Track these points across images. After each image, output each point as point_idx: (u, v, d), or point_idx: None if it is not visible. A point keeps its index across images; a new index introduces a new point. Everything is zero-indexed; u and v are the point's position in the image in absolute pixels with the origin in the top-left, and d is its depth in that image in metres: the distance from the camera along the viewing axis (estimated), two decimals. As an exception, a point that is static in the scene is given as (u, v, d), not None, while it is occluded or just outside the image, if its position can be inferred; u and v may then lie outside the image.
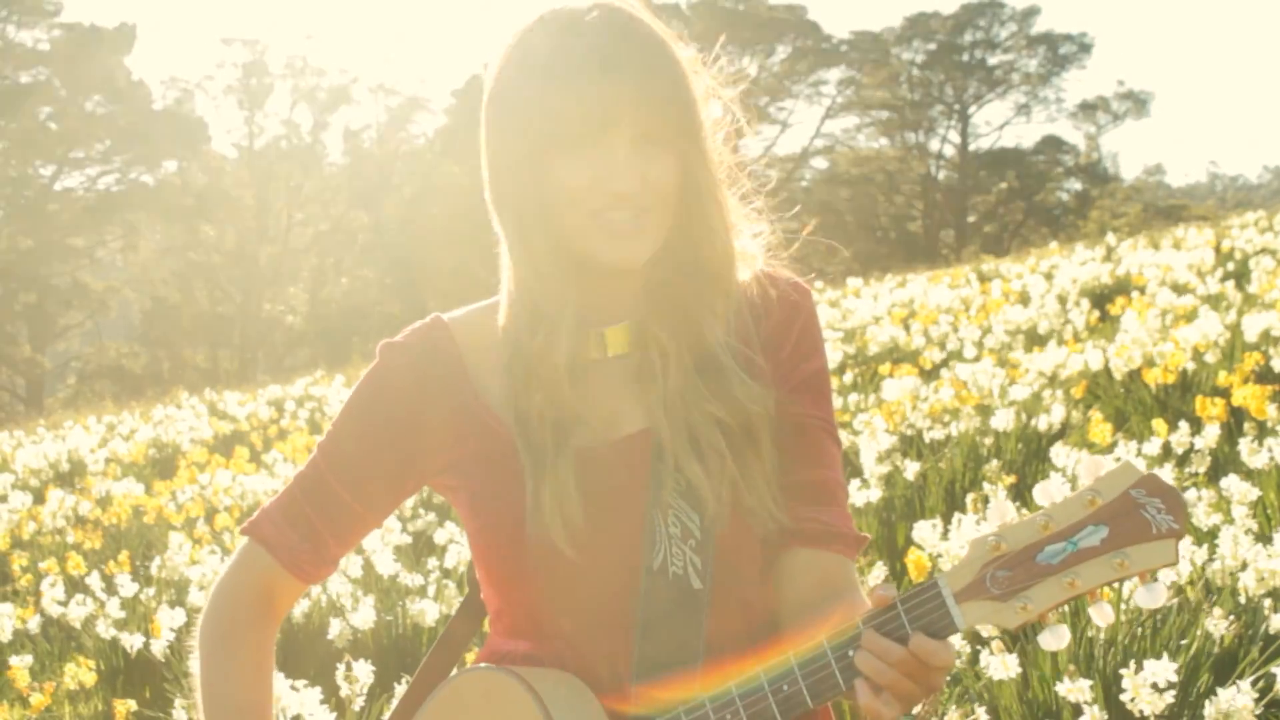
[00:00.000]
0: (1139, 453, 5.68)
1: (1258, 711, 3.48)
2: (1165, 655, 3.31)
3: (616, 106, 1.54)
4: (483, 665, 1.65)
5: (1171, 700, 3.27)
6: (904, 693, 1.45)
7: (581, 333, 1.62)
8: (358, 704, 3.88)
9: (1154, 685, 3.22)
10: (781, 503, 1.64)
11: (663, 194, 1.58)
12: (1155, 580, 1.39)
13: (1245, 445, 5.44)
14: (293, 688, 3.38)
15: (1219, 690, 3.20)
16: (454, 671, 1.82)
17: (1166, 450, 6.06)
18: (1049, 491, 1.42)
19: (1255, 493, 4.74)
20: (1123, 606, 4.04)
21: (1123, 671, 3.29)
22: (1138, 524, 1.38)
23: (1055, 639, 1.43)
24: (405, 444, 1.68)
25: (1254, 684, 3.79)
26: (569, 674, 1.61)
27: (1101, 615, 1.41)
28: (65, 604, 6.82)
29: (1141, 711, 3.25)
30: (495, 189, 1.64)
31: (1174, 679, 3.22)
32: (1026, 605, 1.40)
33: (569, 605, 1.63)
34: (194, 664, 1.70)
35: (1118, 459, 4.75)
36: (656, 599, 1.60)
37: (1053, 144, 50.13)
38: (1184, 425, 6.02)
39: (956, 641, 4.07)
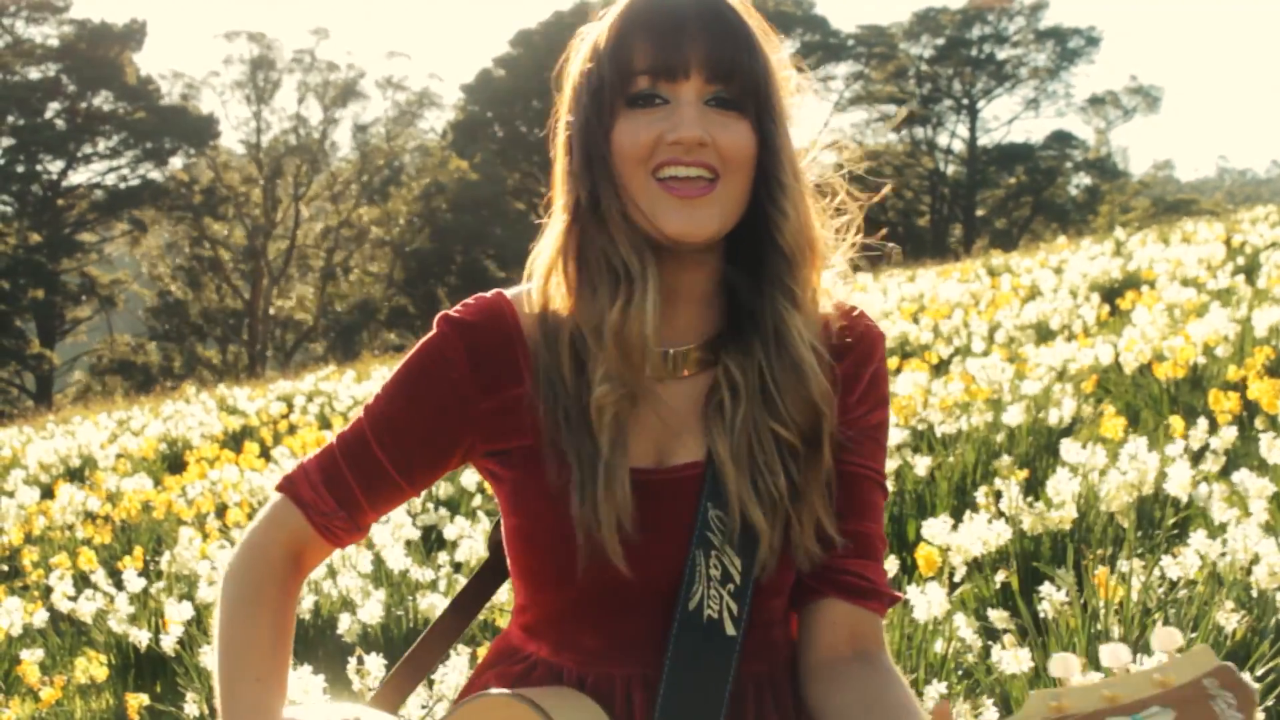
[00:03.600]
0: (1154, 447, 5.66)
1: (1267, 704, 3.48)
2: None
3: (684, 60, 1.50)
4: (494, 691, 1.58)
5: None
6: None
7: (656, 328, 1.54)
8: (369, 698, 3.88)
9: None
10: (831, 525, 1.60)
11: (733, 160, 1.51)
12: None
13: (1266, 441, 5.42)
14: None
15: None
16: (437, 695, 1.80)
17: (1185, 446, 6.05)
18: (1116, 655, 1.40)
19: (1271, 488, 4.73)
20: (1134, 597, 4.03)
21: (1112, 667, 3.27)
22: (1205, 715, 1.34)
23: None
24: (456, 423, 1.61)
25: (1265, 677, 3.78)
26: (590, 702, 1.56)
27: None
28: (75, 599, 6.83)
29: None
30: (572, 160, 1.57)
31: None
32: None
33: (598, 624, 1.59)
34: (216, 614, 1.65)
35: (1133, 456, 4.70)
36: (688, 641, 1.55)
37: (1061, 139, 50.04)
38: (1200, 422, 6.01)
39: (966, 632, 4.07)
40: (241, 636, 1.62)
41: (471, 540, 6.15)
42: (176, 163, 46.88)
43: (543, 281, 1.61)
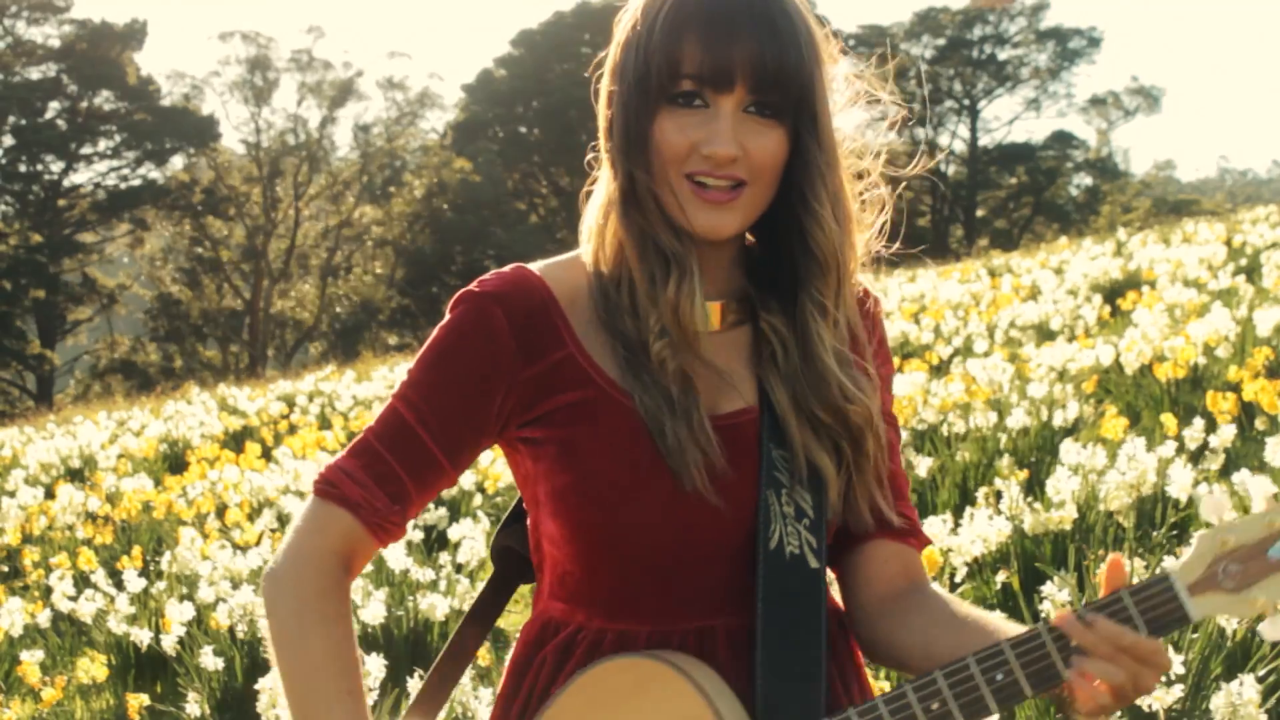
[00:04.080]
0: (1153, 448, 5.66)
1: (1268, 705, 3.48)
2: (1172, 649, 3.31)
3: (730, 71, 1.51)
4: (628, 655, 1.54)
5: (1181, 694, 3.26)
6: (1122, 686, 1.40)
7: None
8: (371, 698, 3.88)
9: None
10: (888, 507, 1.64)
11: (761, 168, 1.54)
12: None
13: (1272, 445, 5.41)
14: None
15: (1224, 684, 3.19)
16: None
17: (1179, 446, 6.04)
18: (1260, 488, 1.48)
19: (1274, 488, 4.72)
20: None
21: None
22: None
23: (1275, 630, 1.44)
24: (499, 396, 1.58)
25: (1266, 678, 3.78)
26: (702, 662, 1.54)
27: (1273, 632, 1.43)
28: (75, 599, 6.84)
29: (1151, 706, 3.24)
30: (614, 139, 1.59)
31: (1180, 671, 3.22)
32: (1258, 598, 1.42)
33: (663, 580, 1.57)
34: (271, 634, 1.58)
35: (1131, 456, 4.70)
36: (776, 581, 1.55)
37: (1062, 139, 50.04)
38: (1197, 421, 6.01)
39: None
40: (320, 653, 1.55)
41: (473, 541, 6.16)
42: (177, 163, 46.91)
43: (599, 227, 1.63)
